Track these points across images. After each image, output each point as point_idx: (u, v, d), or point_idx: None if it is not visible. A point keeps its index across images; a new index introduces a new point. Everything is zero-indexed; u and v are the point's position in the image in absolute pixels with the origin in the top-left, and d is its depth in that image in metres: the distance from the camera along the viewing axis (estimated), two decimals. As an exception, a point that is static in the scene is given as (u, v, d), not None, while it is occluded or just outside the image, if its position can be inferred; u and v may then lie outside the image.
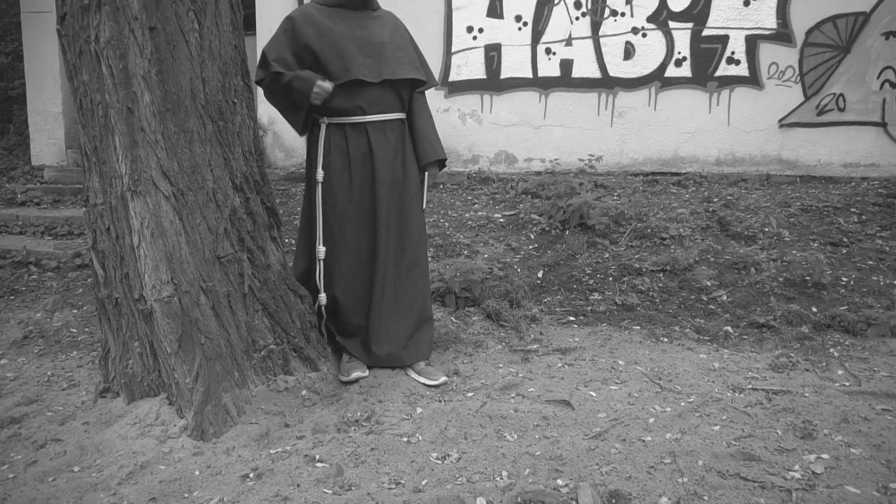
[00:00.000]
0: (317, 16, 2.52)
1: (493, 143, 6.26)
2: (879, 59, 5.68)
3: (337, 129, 2.57)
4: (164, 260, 2.16)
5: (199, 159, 2.20)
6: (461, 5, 6.13)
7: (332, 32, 2.49)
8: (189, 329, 2.20)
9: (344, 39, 2.49)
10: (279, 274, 2.52)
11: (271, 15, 6.27)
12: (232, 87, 2.28)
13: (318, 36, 2.48)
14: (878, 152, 5.80)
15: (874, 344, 2.98)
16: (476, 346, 3.00)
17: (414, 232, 2.72)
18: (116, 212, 2.17)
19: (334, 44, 2.48)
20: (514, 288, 3.57)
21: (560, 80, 6.10)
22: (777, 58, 5.83)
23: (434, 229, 4.54)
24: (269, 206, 2.50)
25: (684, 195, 5.21)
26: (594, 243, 4.16)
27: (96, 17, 2.00)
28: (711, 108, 5.99)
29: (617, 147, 6.11)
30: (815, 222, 4.40)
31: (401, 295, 2.72)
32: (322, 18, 2.51)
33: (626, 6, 5.96)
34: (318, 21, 2.50)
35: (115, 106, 2.05)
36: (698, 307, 3.46)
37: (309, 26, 2.49)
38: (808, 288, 3.53)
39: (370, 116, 2.56)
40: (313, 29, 2.49)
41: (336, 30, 2.50)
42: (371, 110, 2.55)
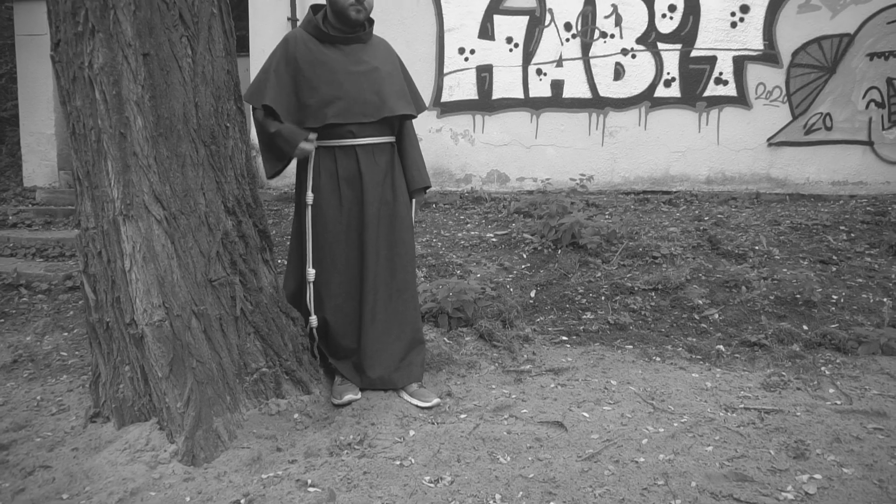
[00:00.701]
0: (313, 48, 2.53)
1: (486, 162, 6.31)
2: (864, 80, 5.78)
3: (326, 152, 2.59)
4: (156, 284, 2.15)
5: (192, 183, 2.21)
6: (453, 27, 6.21)
7: (329, 70, 2.50)
8: (180, 353, 2.19)
9: (340, 77, 2.51)
10: (271, 296, 2.51)
11: (265, 36, 6.33)
12: (225, 112, 2.30)
13: (312, 68, 2.49)
14: (866, 170, 5.88)
15: (865, 362, 3.00)
16: (469, 367, 3.00)
17: (404, 254, 2.72)
18: (108, 236, 2.18)
19: (330, 83, 2.49)
20: (507, 308, 3.58)
21: (551, 101, 6.17)
22: (764, 78, 5.93)
23: (427, 249, 4.55)
24: (262, 229, 2.51)
25: (675, 214, 5.25)
26: (586, 262, 4.18)
27: (90, 44, 2.01)
28: (701, 128, 6.07)
29: (608, 166, 6.17)
30: (805, 240, 4.44)
31: (392, 317, 2.72)
32: (317, 51, 2.52)
33: (616, 28, 6.05)
34: (314, 51, 2.52)
35: (107, 131, 2.06)
36: (690, 326, 3.48)
37: (305, 56, 2.50)
38: (799, 306, 3.55)
39: (360, 140, 2.59)
40: (308, 60, 2.50)
41: (331, 66, 2.51)
42: (361, 134, 2.58)
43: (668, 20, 5.99)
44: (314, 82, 2.50)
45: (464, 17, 6.17)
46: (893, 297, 3.64)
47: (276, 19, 6.36)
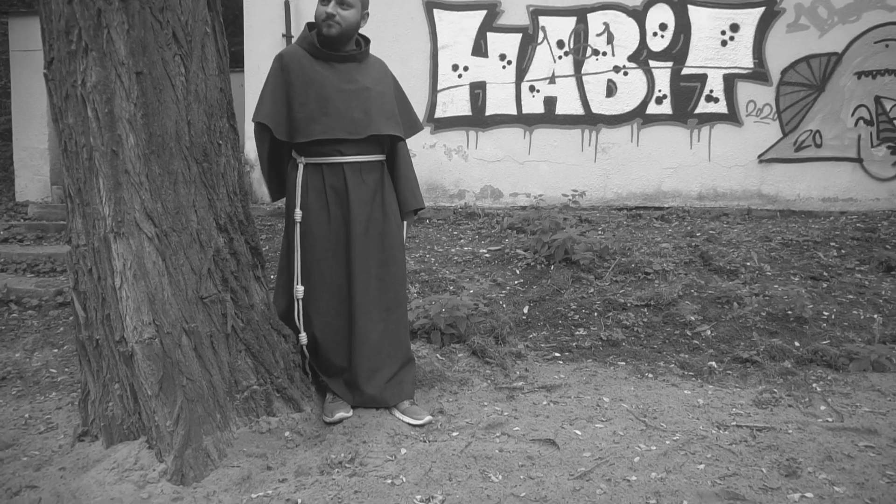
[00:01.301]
0: (306, 64, 2.54)
1: (479, 178, 6.33)
2: (853, 98, 5.86)
3: (314, 169, 2.60)
4: (146, 301, 2.14)
5: (184, 200, 2.21)
6: (447, 44, 6.26)
7: (319, 86, 2.52)
8: (170, 371, 2.18)
9: (330, 94, 2.53)
10: (263, 314, 2.51)
11: (260, 53, 6.36)
12: (217, 129, 2.30)
13: (304, 84, 2.51)
14: (856, 187, 5.93)
15: (856, 378, 3.01)
16: (461, 384, 2.99)
17: (395, 272, 2.72)
18: (99, 253, 2.17)
19: (320, 99, 2.51)
20: (500, 324, 3.58)
21: (544, 117, 6.22)
22: (754, 96, 6.00)
23: (420, 265, 4.56)
24: (254, 246, 2.50)
25: (667, 230, 5.28)
26: (579, 278, 4.19)
27: (83, 63, 2.02)
28: (692, 144, 6.12)
29: (601, 182, 6.21)
30: (796, 256, 4.47)
31: (383, 335, 2.71)
32: (310, 67, 2.54)
33: (608, 46, 6.12)
34: (306, 70, 2.53)
35: (99, 149, 2.06)
36: (682, 342, 3.48)
37: (297, 71, 2.52)
38: (791, 322, 3.57)
39: (347, 158, 2.59)
40: (300, 79, 2.51)
41: (322, 82, 2.53)
42: (348, 152, 2.59)
43: (660, 38, 6.07)
44: (303, 98, 2.51)
45: (457, 34, 6.23)
46: (884, 313, 3.66)
47: (272, 35, 6.40)
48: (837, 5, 5.79)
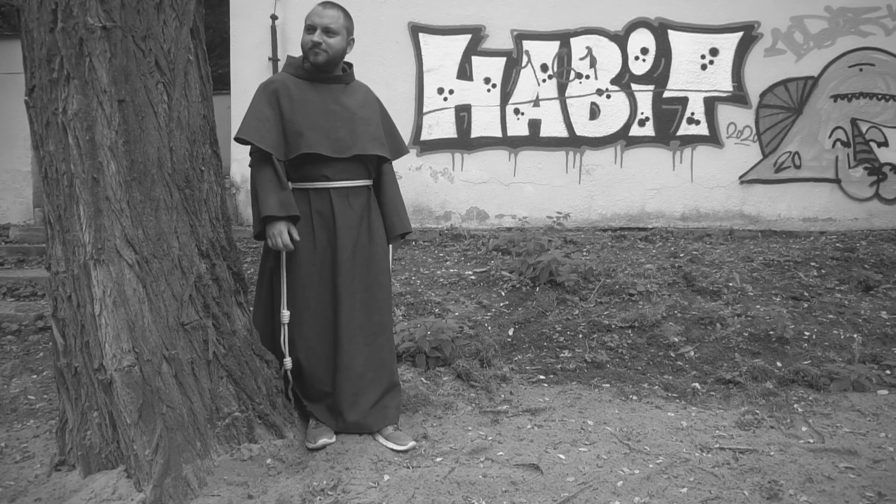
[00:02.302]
0: (291, 86, 2.58)
1: (465, 199, 6.37)
2: (830, 120, 5.98)
3: (301, 195, 2.61)
4: (126, 328, 2.13)
5: (165, 227, 2.21)
6: (432, 68, 6.33)
7: (305, 104, 2.55)
8: (150, 398, 2.16)
9: (315, 112, 2.56)
10: (245, 339, 2.49)
11: (246, 76, 6.40)
12: (200, 156, 2.31)
13: (291, 107, 2.54)
14: (835, 207, 6.03)
15: (836, 399, 3.04)
16: (446, 408, 2.98)
17: (380, 297, 2.72)
18: (78, 280, 2.16)
19: (305, 116, 2.54)
20: (485, 347, 3.58)
21: (529, 139, 6.28)
22: (735, 118, 6.11)
23: (406, 287, 4.56)
24: (236, 272, 2.50)
25: (651, 250, 5.32)
26: (564, 300, 4.21)
27: (65, 91, 2.03)
28: (675, 166, 6.21)
29: (585, 203, 6.26)
30: (777, 277, 4.52)
31: (368, 360, 2.70)
32: (296, 89, 2.57)
33: (591, 69, 6.22)
34: (292, 91, 2.56)
35: (80, 176, 2.06)
36: (666, 364, 3.50)
37: (284, 96, 2.55)
38: (773, 343, 3.60)
39: (334, 183, 2.61)
40: (287, 99, 2.55)
41: (308, 101, 2.56)
42: (335, 178, 2.60)
43: (641, 62, 6.18)
44: (290, 115, 2.54)
45: (443, 58, 6.31)
46: (863, 332, 3.71)
47: (258, 59, 6.44)
48: (812, 30, 5.94)
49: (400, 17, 6.31)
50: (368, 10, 6.30)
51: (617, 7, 6.13)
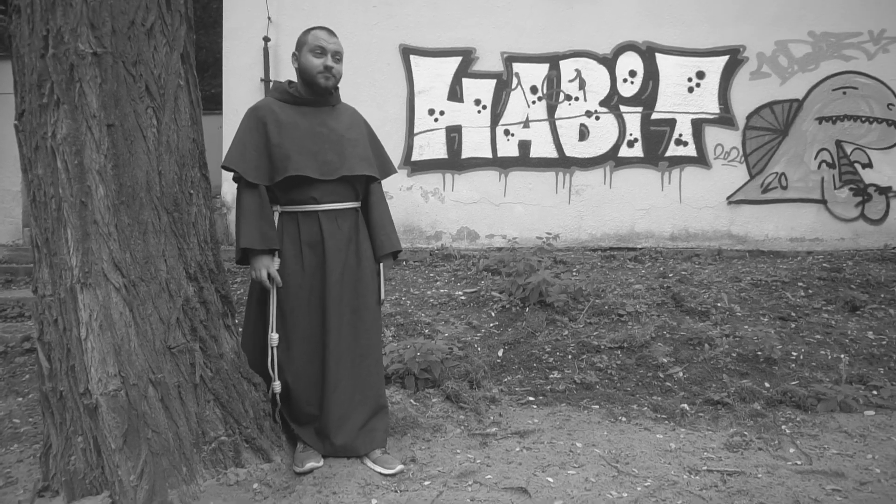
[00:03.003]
0: (277, 110, 2.60)
1: (456, 220, 6.40)
2: (815, 142, 6.08)
3: (289, 217, 2.61)
4: (112, 352, 2.12)
5: (153, 250, 2.21)
6: (423, 89, 6.39)
7: (292, 128, 2.57)
8: (135, 423, 2.14)
9: (303, 135, 2.57)
10: (232, 362, 2.49)
11: (238, 96, 6.44)
12: (189, 179, 2.32)
13: (278, 131, 2.56)
14: (821, 227, 6.10)
15: (824, 420, 3.05)
16: (434, 431, 2.97)
17: (368, 319, 2.72)
18: (65, 304, 2.15)
19: (293, 140, 2.56)
20: (475, 368, 3.58)
21: (519, 160, 6.34)
22: (722, 140, 6.19)
23: (396, 308, 4.56)
24: (224, 294, 2.50)
25: (641, 270, 5.35)
26: (553, 320, 4.22)
27: (54, 115, 2.04)
28: (664, 186, 6.27)
29: (575, 223, 6.30)
30: (765, 297, 4.55)
31: (356, 383, 2.69)
32: (283, 113, 2.59)
33: (580, 91, 6.30)
34: (279, 115, 2.58)
35: (68, 200, 2.07)
36: (655, 384, 3.50)
37: (271, 121, 2.56)
38: (760, 363, 3.62)
39: (322, 206, 2.62)
40: (275, 124, 2.56)
41: (296, 125, 2.58)
42: (323, 200, 2.61)
43: (630, 84, 6.27)
44: (277, 140, 2.55)
45: (434, 79, 6.37)
46: (850, 353, 3.73)
47: (250, 80, 6.49)
48: (797, 54, 6.05)
49: (391, 39, 6.38)
50: (360, 32, 6.38)
51: (605, 30, 6.23)
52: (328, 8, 6.40)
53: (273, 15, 6.42)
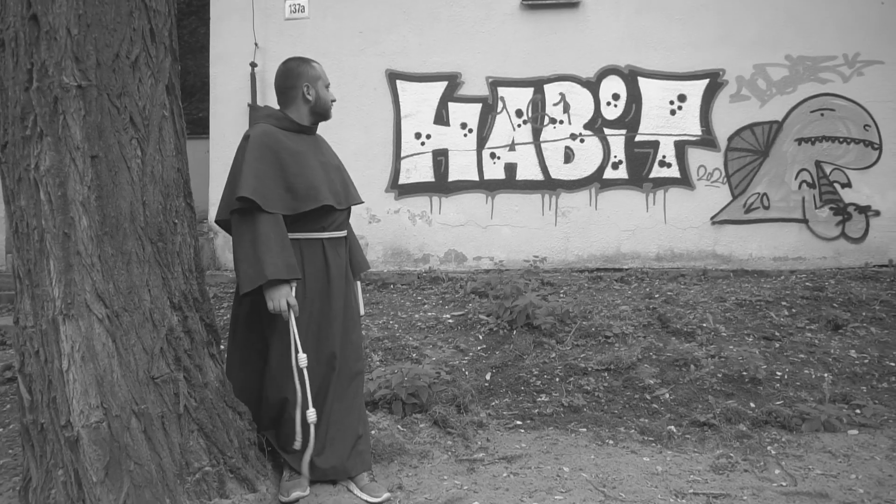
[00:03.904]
0: (284, 139, 2.57)
1: (443, 242, 6.42)
2: (795, 162, 6.19)
3: (293, 244, 2.60)
4: (94, 384, 2.11)
5: (137, 280, 2.21)
6: (409, 113, 6.46)
7: (304, 157, 2.57)
8: (117, 456, 2.12)
9: (315, 164, 2.60)
10: (217, 391, 2.47)
11: (225, 121, 6.47)
12: (173, 209, 2.33)
13: (294, 160, 2.53)
14: (804, 246, 6.18)
15: (808, 440, 3.07)
16: (422, 457, 2.95)
17: (356, 341, 2.75)
18: (47, 335, 2.14)
19: (311, 169, 2.56)
20: (462, 392, 3.57)
21: (505, 183, 6.39)
22: (704, 161, 6.29)
23: (383, 331, 4.55)
24: (209, 323, 2.49)
25: (627, 291, 5.39)
26: (541, 343, 4.23)
27: (38, 147, 2.05)
28: (649, 207, 6.34)
29: (562, 245, 6.35)
30: (750, 317, 4.60)
31: (349, 404, 2.70)
32: (290, 142, 2.58)
33: (564, 114, 6.39)
34: (288, 144, 2.57)
35: (51, 231, 2.07)
36: (642, 406, 3.51)
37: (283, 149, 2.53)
38: (746, 383, 3.64)
39: (328, 233, 2.64)
40: (288, 153, 2.53)
41: (305, 154, 2.58)
42: (329, 228, 2.64)
43: (613, 108, 6.37)
44: (296, 169, 2.51)
45: (420, 103, 6.44)
46: (833, 371, 3.77)
47: (237, 105, 6.52)
48: (775, 77, 6.19)
49: (378, 64, 6.46)
50: (347, 57, 6.45)
51: (588, 55, 6.34)
52: (315, 33, 6.47)
53: (260, 41, 6.48)
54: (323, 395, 2.63)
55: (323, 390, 2.64)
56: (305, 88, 2.63)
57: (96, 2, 2.11)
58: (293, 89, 2.63)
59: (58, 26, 2.05)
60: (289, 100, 2.65)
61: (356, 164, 6.20)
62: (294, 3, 6.51)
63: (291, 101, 2.65)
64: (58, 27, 2.05)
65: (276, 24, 6.51)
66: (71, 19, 2.06)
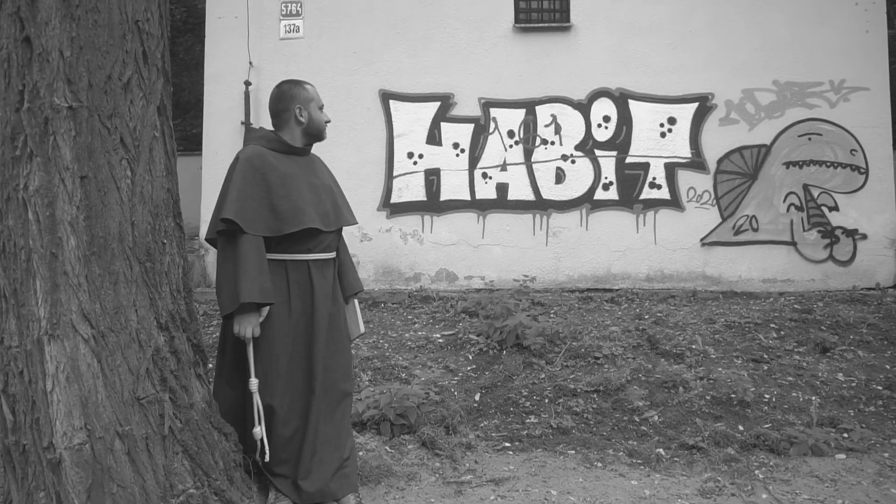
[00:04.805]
0: (274, 161, 2.59)
1: (435, 261, 6.43)
2: (783, 186, 6.26)
3: (277, 265, 2.61)
4: (79, 405, 2.09)
5: (124, 300, 2.20)
6: (402, 133, 6.50)
7: (292, 179, 2.58)
8: (100, 478, 2.10)
9: (304, 186, 2.60)
10: (203, 412, 2.45)
11: (219, 139, 6.49)
12: (162, 229, 2.33)
13: (281, 182, 2.54)
14: (792, 269, 6.23)
15: (796, 464, 3.07)
16: (409, 479, 2.94)
17: (344, 363, 2.74)
18: (31, 356, 2.12)
19: (298, 191, 2.57)
20: (451, 413, 3.56)
21: (497, 203, 6.43)
22: (694, 183, 6.35)
23: (373, 351, 4.54)
24: (196, 343, 2.48)
25: (617, 312, 5.41)
26: (530, 363, 4.23)
27: (27, 167, 2.05)
28: (639, 228, 6.39)
29: (553, 265, 6.37)
30: (738, 339, 4.62)
31: (333, 427, 2.68)
32: (279, 164, 2.59)
33: (556, 136, 6.45)
34: (277, 166, 2.58)
35: (38, 251, 2.06)
36: (631, 429, 3.51)
37: (270, 171, 2.54)
38: (734, 406, 3.65)
39: (314, 255, 2.64)
40: (275, 174, 2.55)
41: (294, 176, 2.60)
42: (316, 250, 2.64)
43: (604, 129, 6.44)
44: (282, 191, 2.53)
45: (413, 123, 6.49)
46: (820, 395, 3.78)
47: (231, 123, 6.55)
48: (763, 102, 6.28)
49: (371, 84, 6.51)
50: (341, 77, 6.50)
51: (579, 77, 6.42)
52: (309, 53, 6.53)
53: (255, 60, 6.53)
54: (306, 417, 2.61)
55: (306, 411, 2.62)
56: (298, 110, 2.65)
57: (90, 24, 2.13)
58: (286, 111, 2.66)
59: (50, 48, 2.06)
60: (282, 122, 2.68)
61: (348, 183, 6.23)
62: (289, 23, 6.57)
63: (284, 123, 2.68)
64: (50, 49, 2.06)
65: (271, 44, 6.56)
66: (64, 41, 2.08)
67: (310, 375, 2.62)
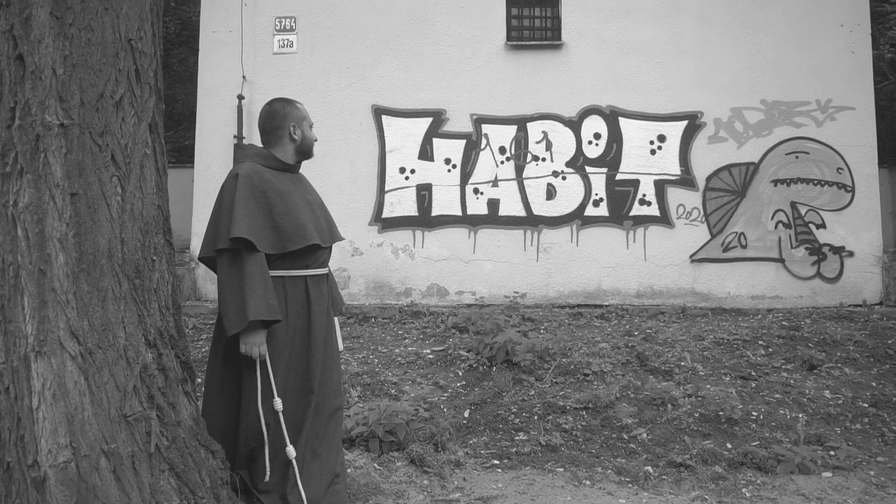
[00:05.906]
0: (271, 178, 2.60)
1: (426, 276, 6.44)
2: (771, 203, 6.33)
3: (275, 282, 2.61)
4: (65, 422, 2.08)
5: (112, 317, 2.20)
6: (394, 148, 6.54)
7: (291, 196, 2.60)
8: (85, 496, 2.08)
9: (302, 203, 2.63)
10: (190, 429, 2.44)
11: (211, 152, 6.49)
12: (152, 246, 2.33)
13: (282, 199, 2.56)
14: (780, 285, 6.29)
15: (783, 482, 3.09)
16: (397, 497, 2.93)
17: (335, 378, 2.75)
18: (17, 373, 2.11)
19: (298, 208, 2.60)
20: (440, 430, 3.55)
21: (488, 218, 6.46)
22: (683, 200, 6.41)
23: (363, 366, 4.53)
24: (184, 360, 2.48)
25: (607, 328, 5.43)
26: (520, 380, 4.23)
27: (17, 184, 2.06)
28: (629, 245, 6.43)
29: (543, 280, 6.40)
30: (727, 355, 4.65)
31: (327, 442, 2.69)
32: (277, 181, 2.60)
33: (547, 152, 6.50)
34: (275, 184, 2.60)
35: (26, 267, 2.06)
36: (619, 446, 3.52)
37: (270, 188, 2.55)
38: (722, 423, 3.66)
39: (311, 271, 2.66)
40: (275, 192, 2.56)
41: (292, 193, 2.62)
42: (313, 265, 2.66)
43: (595, 146, 6.50)
44: (283, 209, 2.55)
45: (405, 139, 6.53)
46: (807, 412, 3.81)
47: (223, 136, 6.57)
48: (751, 120, 6.36)
49: (364, 99, 6.56)
50: (334, 92, 6.54)
51: (570, 95, 6.49)
52: (302, 68, 6.57)
53: (248, 74, 6.56)
54: (299, 433, 2.62)
55: (300, 427, 2.62)
56: (292, 128, 2.68)
57: (83, 43, 2.14)
58: (280, 129, 2.67)
59: (43, 66, 2.08)
60: (274, 139, 2.69)
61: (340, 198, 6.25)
62: (283, 38, 6.62)
63: (277, 141, 2.69)
64: (43, 67, 2.08)
65: (265, 58, 6.60)
66: (57, 59, 2.09)
67: (305, 391, 2.62)
